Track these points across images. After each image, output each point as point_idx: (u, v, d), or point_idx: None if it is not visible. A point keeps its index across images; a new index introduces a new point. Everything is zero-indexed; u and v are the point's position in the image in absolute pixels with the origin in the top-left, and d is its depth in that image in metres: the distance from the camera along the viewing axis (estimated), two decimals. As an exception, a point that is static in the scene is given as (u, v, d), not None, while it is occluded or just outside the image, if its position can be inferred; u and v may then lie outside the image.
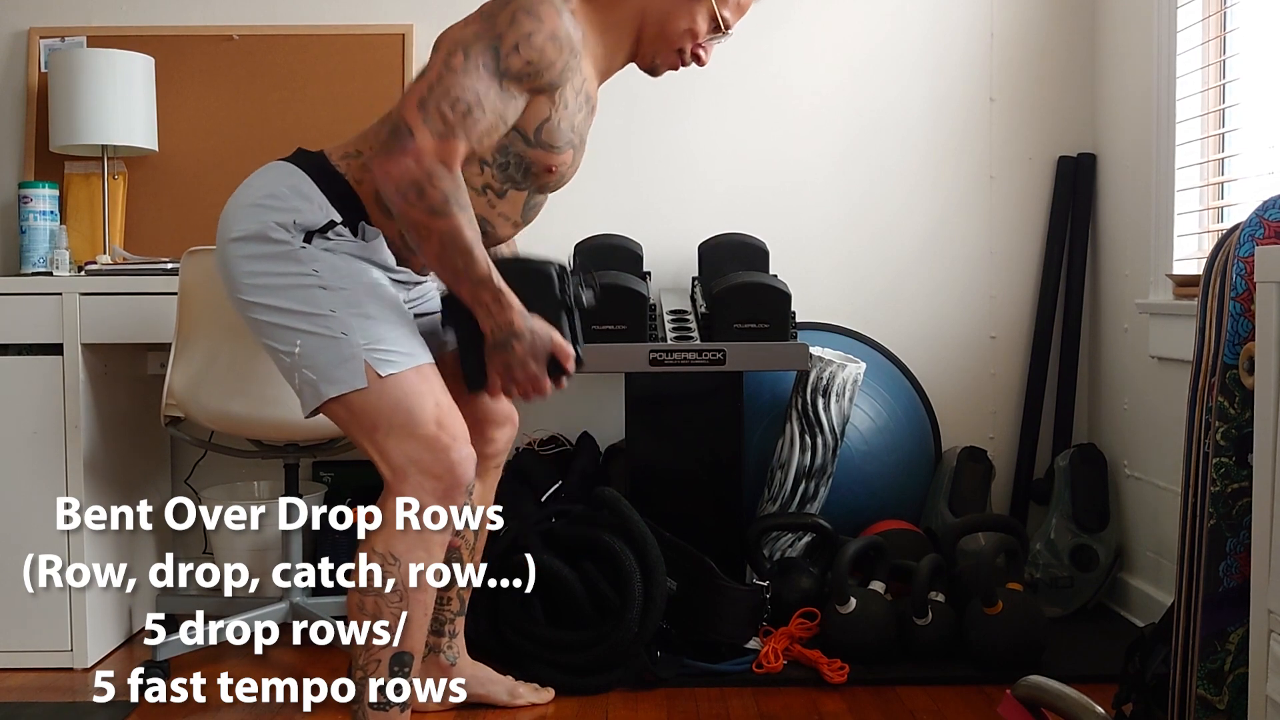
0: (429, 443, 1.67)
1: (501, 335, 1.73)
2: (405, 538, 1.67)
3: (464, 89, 1.65)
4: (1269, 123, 2.22)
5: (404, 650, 1.70)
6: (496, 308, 1.71)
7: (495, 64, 1.67)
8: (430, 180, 1.62)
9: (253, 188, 1.77)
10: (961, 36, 2.90)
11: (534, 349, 1.75)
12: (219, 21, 2.86)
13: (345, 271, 1.72)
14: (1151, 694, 1.80)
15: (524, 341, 1.74)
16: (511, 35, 1.67)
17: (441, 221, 1.64)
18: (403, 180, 1.62)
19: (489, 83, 1.67)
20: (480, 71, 1.66)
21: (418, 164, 1.62)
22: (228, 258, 1.75)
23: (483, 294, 1.71)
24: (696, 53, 1.89)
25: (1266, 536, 1.45)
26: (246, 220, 1.73)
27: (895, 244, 2.91)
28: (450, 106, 1.64)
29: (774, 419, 2.64)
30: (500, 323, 1.73)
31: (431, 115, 1.63)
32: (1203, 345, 1.69)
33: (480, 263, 1.68)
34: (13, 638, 2.35)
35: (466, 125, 1.65)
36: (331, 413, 1.72)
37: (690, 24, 1.85)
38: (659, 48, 1.87)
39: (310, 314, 1.69)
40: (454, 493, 1.68)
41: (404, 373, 1.69)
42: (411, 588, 1.68)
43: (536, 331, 1.75)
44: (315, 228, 1.72)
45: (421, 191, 1.63)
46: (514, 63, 1.68)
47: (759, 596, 2.29)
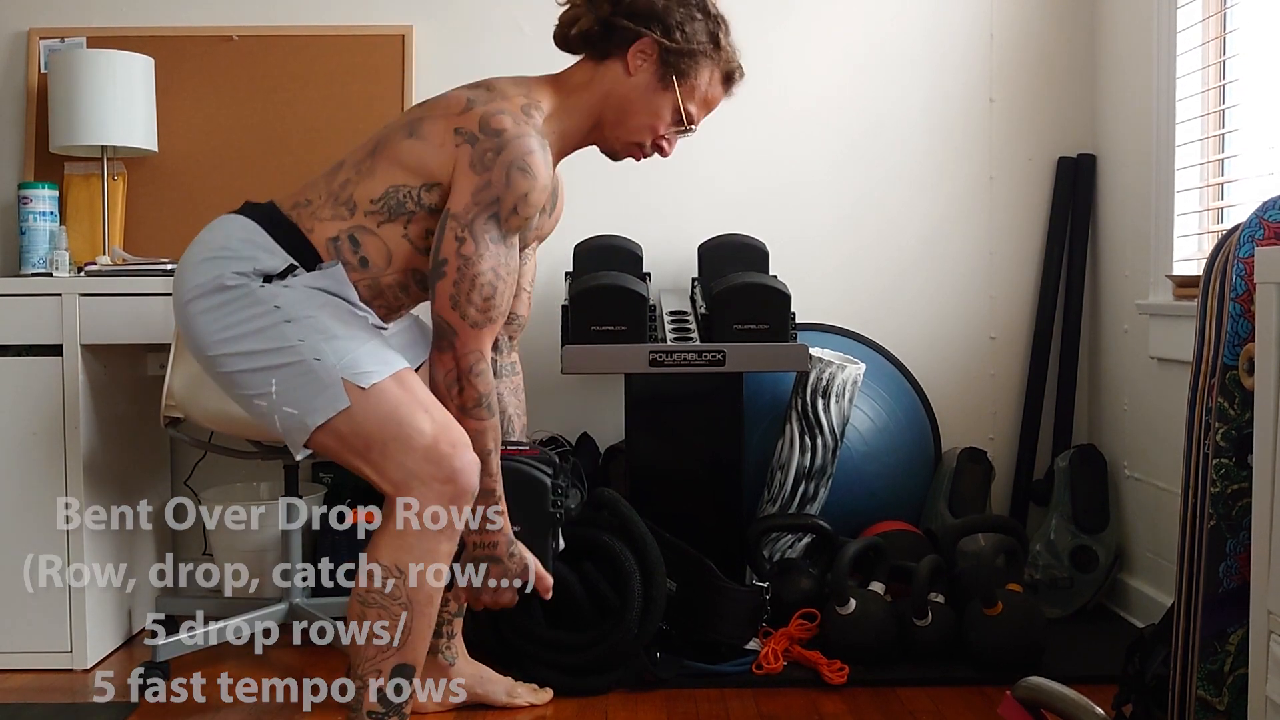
0: (428, 453, 1.64)
1: (481, 554, 1.78)
2: (412, 550, 1.65)
3: (482, 274, 1.70)
4: (1269, 123, 2.22)
5: (406, 662, 1.69)
6: (486, 524, 1.76)
7: (499, 231, 1.72)
8: (468, 377, 1.71)
9: (204, 243, 1.76)
10: (961, 37, 2.90)
11: (508, 574, 1.79)
12: (219, 22, 2.86)
13: (306, 301, 1.70)
14: (1151, 695, 1.80)
15: (499, 567, 1.78)
16: (510, 198, 1.71)
17: (470, 422, 1.71)
18: (449, 376, 1.71)
19: (500, 253, 1.72)
20: (491, 248, 1.71)
21: (462, 360, 1.71)
22: (189, 318, 1.73)
23: (479, 505, 1.74)
24: (659, 145, 1.91)
25: (1266, 537, 1.45)
26: (201, 275, 1.72)
27: (895, 245, 2.92)
28: (479, 295, 1.70)
29: (774, 420, 2.64)
30: (484, 541, 1.77)
31: (465, 310, 1.70)
32: (1203, 346, 1.69)
33: (492, 475, 1.74)
34: (13, 638, 2.35)
35: (495, 304, 1.73)
36: (320, 445, 1.70)
37: (652, 117, 1.87)
38: (619, 134, 1.89)
39: (279, 349, 1.67)
40: (460, 500, 1.66)
41: (384, 383, 1.67)
42: (418, 601, 1.67)
43: (516, 558, 1.79)
44: (274, 273, 1.71)
45: (461, 388, 1.71)
46: (514, 223, 1.73)
47: (759, 597, 2.29)
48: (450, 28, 2.88)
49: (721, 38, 1.87)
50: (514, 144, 1.71)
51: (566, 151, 1.92)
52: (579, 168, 2.84)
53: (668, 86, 1.85)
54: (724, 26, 1.88)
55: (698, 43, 1.84)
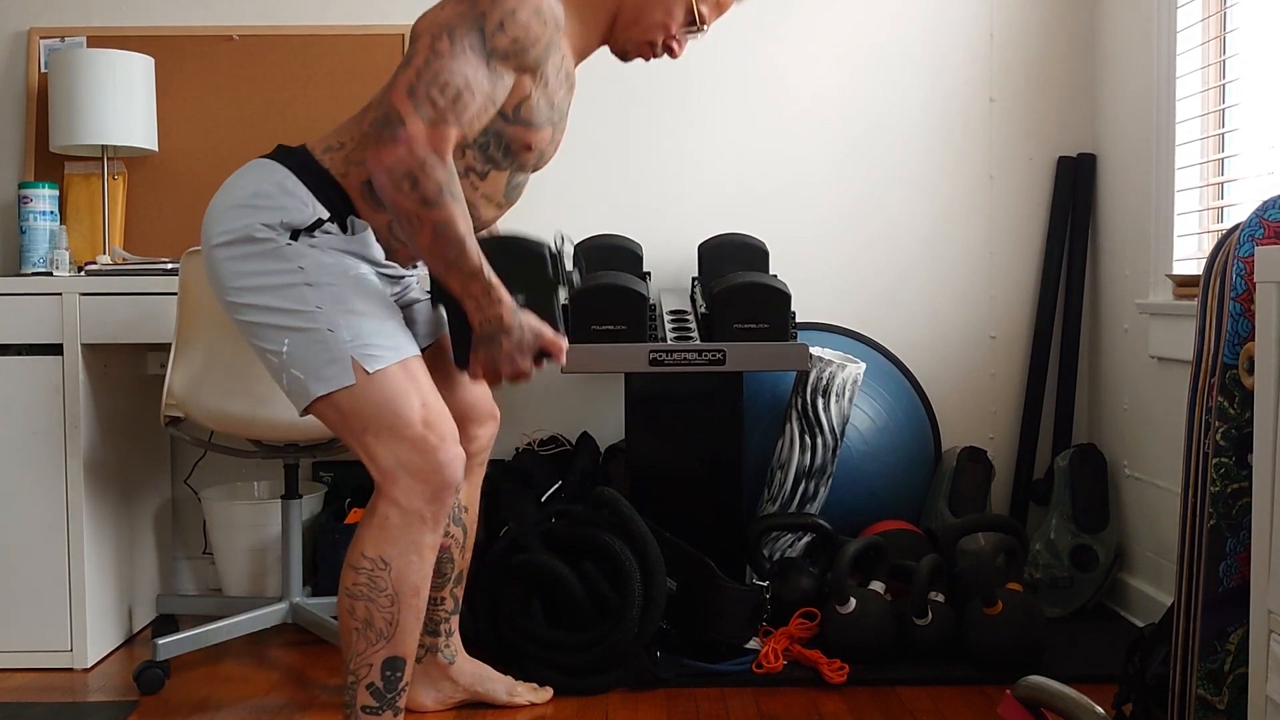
0: (417, 444, 1.65)
1: (490, 329, 1.72)
2: (396, 541, 1.66)
3: (453, 73, 1.61)
4: (1269, 123, 2.22)
5: (396, 654, 1.69)
6: (486, 301, 1.70)
7: (482, 44, 1.64)
8: (423, 169, 1.60)
9: (236, 188, 1.75)
10: (961, 37, 2.90)
11: (521, 344, 1.74)
12: (219, 21, 2.86)
13: (331, 267, 1.70)
14: (1151, 694, 1.80)
15: (511, 337, 1.73)
16: (496, 13, 1.64)
17: (435, 212, 1.61)
18: (396, 170, 1.59)
19: (477, 64, 1.64)
20: (468, 54, 1.63)
21: (410, 153, 1.59)
22: (213, 262, 1.73)
23: (473, 286, 1.69)
24: (669, 45, 1.88)
25: (1266, 537, 1.45)
26: (231, 221, 1.71)
27: (895, 244, 2.92)
28: (440, 92, 1.61)
29: (774, 419, 2.65)
30: (489, 317, 1.71)
31: (422, 102, 1.60)
32: (1203, 345, 1.69)
33: (472, 255, 1.66)
34: (13, 638, 2.36)
35: (457, 110, 1.62)
36: (321, 413, 1.70)
37: (665, 16, 1.84)
38: (631, 34, 1.86)
39: (297, 311, 1.67)
40: (443, 494, 1.67)
41: (391, 368, 1.67)
42: (403, 592, 1.67)
43: (525, 326, 1.74)
44: (302, 226, 1.70)
45: (415, 181, 1.60)
46: (500, 41, 1.65)
47: (759, 597, 2.29)
48: (450, 27, 2.88)
49: None
50: None
51: (582, 51, 1.87)
52: (579, 168, 2.86)
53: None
54: None
55: None
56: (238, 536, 2.66)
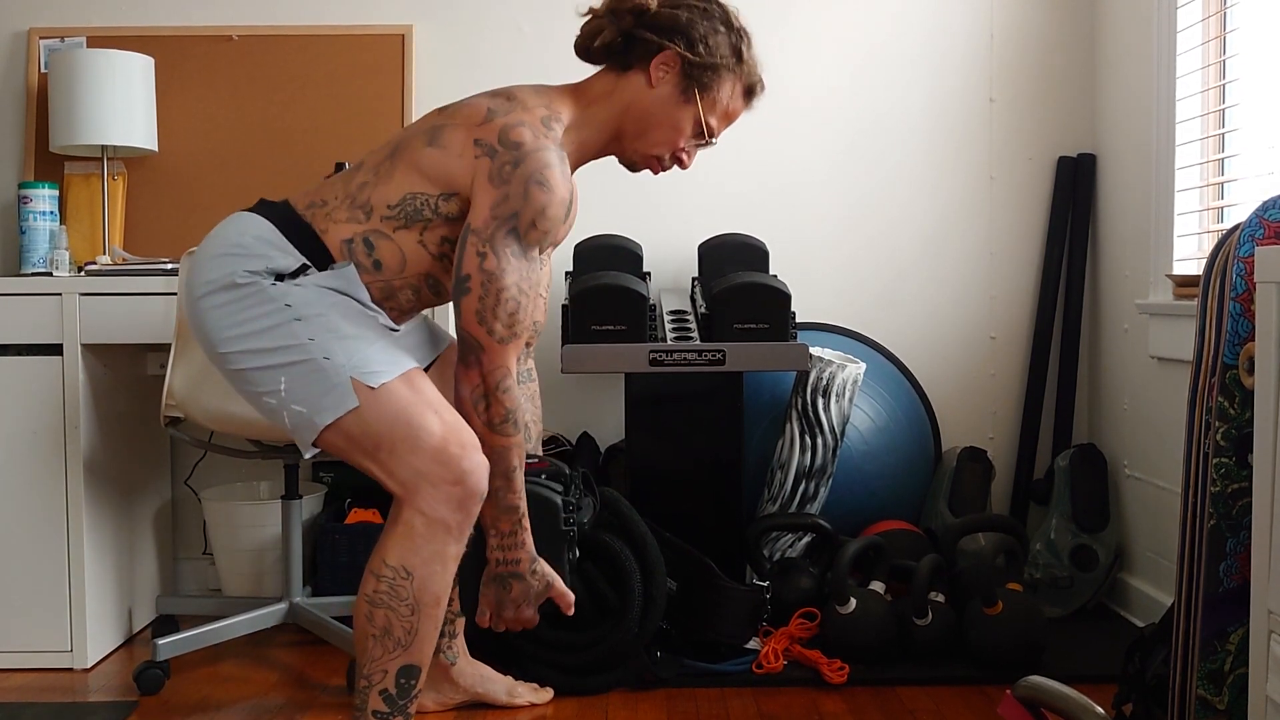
0: (437, 455, 1.64)
1: (505, 571, 1.77)
2: (420, 551, 1.64)
3: (506, 289, 1.69)
4: (1269, 123, 2.22)
5: (412, 663, 1.68)
6: (510, 541, 1.75)
7: (520, 246, 1.70)
8: (495, 394, 1.70)
9: (217, 239, 1.75)
10: (961, 37, 2.90)
11: (529, 593, 1.79)
12: (219, 21, 2.86)
13: (316, 300, 1.70)
14: (1151, 694, 1.80)
15: (523, 584, 1.78)
16: (528, 213, 1.69)
17: (497, 439, 1.70)
18: (475, 392, 1.70)
19: (521, 267, 1.71)
20: (512, 262, 1.69)
21: (489, 376, 1.69)
22: (199, 313, 1.72)
23: (503, 523, 1.75)
24: (679, 157, 1.91)
25: (1266, 537, 1.45)
26: (213, 271, 1.71)
27: (895, 244, 2.92)
28: (504, 312, 1.69)
29: (774, 419, 2.65)
30: (508, 559, 1.76)
31: (492, 326, 1.68)
32: (1203, 345, 1.69)
33: (516, 492, 1.73)
34: (13, 638, 2.35)
35: (520, 319, 1.71)
36: (330, 444, 1.69)
37: (672, 131, 1.86)
38: (639, 146, 1.88)
39: (289, 346, 1.67)
40: (468, 502, 1.65)
41: (393, 383, 1.66)
42: (424, 602, 1.66)
43: (539, 574, 1.79)
44: (287, 272, 1.71)
45: (488, 404, 1.70)
46: (534, 237, 1.71)
47: (759, 597, 2.29)
48: (450, 28, 2.88)
49: (744, 51, 1.87)
50: (532, 158, 1.70)
51: (585, 161, 1.91)
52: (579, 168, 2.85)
53: (689, 99, 1.84)
54: (746, 40, 1.87)
55: (720, 56, 1.83)
56: (238, 537, 2.66)
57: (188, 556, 2.92)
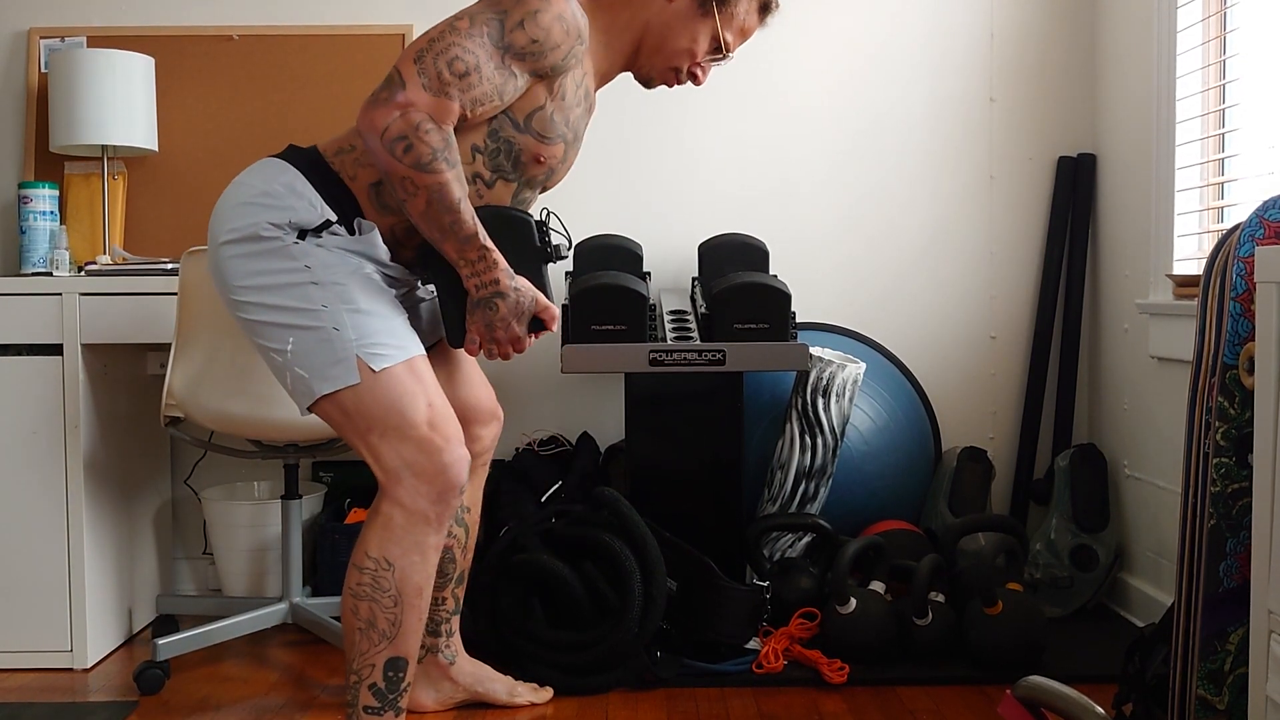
0: (421, 445, 1.66)
1: (486, 294, 1.72)
2: (400, 542, 1.66)
3: (464, 50, 1.62)
4: (1269, 123, 2.22)
5: (398, 655, 1.69)
6: (482, 265, 1.70)
7: (499, 35, 1.65)
8: (418, 133, 1.60)
9: (245, 186, 1.74)
10: (961, 37, 2.90)
11: (518, 308, 1.73)
12: (219, 21, 2.86)
13: (337, 266, 1.70)
14: (1151, 694, 1.80)
15: (508, 301, 1.72)
16: (518, 11, 1.65)
17: (429, 177, 1.62)
18: (390, 132, 1.59)
19: (490, 52, 1.65)
20: (483, 39, 1.64)
21: (405, 117, 1.59)
22: (219, 260, 1.73)
23: (469, 251, 1.69)
24: (694, 71, 1.89)
25: (1266, 537, 1.45)
26: (238, 219, 1.71)
27: (895, 244, 2.92)
28: (448, 65, 1.61)
29: (774, 419, 2.65)
30: (485, 281, 1.71)
31: (427, 69, 1.61)
32: (1203, 345, 1.69)
33: (468, 220, 1.66)
34: (13, 638, 2.35)
35: (462, 86, 1.63)
36: (324, 412, 1.70)
37: (690, 42, 1.85)
38: (656, 61, 1.87)
39: (302, 309, 1.67)
40: (447, 495, 1.68)
41: (396, 368, 1.67)
42: (406, 592, 1.67)
43: (521, 290, 1.73)
44: (310, 227, 1.70)
45: (409, 145, 1.60)
46: (518, 38, 1.66)
47: (759, 597, 2.29)
48: (450, 27, 2.88)
49: None
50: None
51: (605, 74, 1.88)
52: (580, 168, 2.85)
53: (707, 13, 1.84)
54: None
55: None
56: (238, 536, 2.66)
57: (188, 556, 2.92)
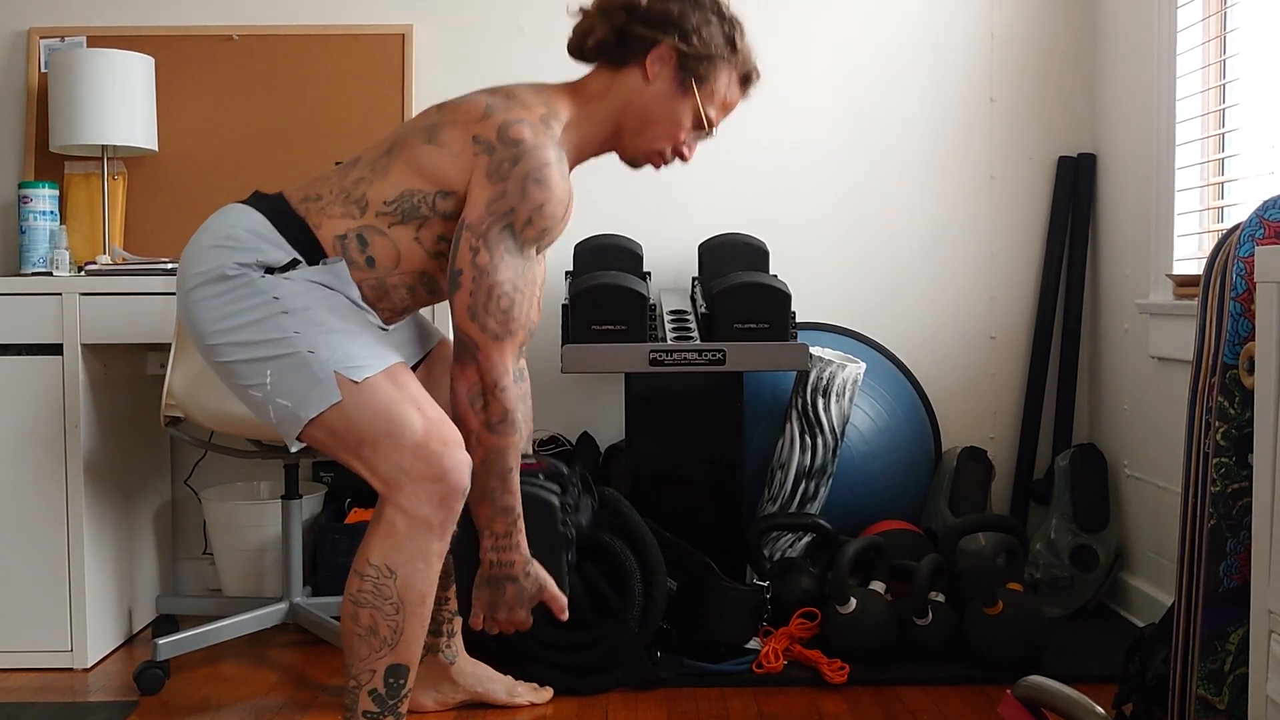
0: (418, 451, 1.64)
1: (498, 573, 1.77)
2: (403, 549, 1.65)
3: (499, 284, 1.69)
4: (1269, 123, 2.22)
5: (400, 662, 1.68)
6: (505, 542, 1.76)
7: (515, 243, 1.70)
8: (494, 392, 1.70)
9: (210, 231, 1.75)
10: (961, 36, 2.90)
11: (523, 595, 1.79)
12: (219, 21, 2.86)
13: (304, 294, 1.69)
14: (1152, 694, 1.80)
15: (517, 586, 1.78)
16: (525, 209, 1.69)
17: (494, 439, 1.71)
18: (473, 390, 1.71)
19: (516, 264, 1.71)
20: (506, 259, 1.70)
21: (486, 375, 1.70)
22: (189, 305, 1.72)
23: (498, 524, 1.75)
24: (679, 151, 1.91)
25: (1267, 537, 1.45)
26: (204, 263, 1.71)
27: (895, 244, 2.92)
28: (497, 306, 1.69)
29: (774, 419, 2.65)
30: (502, 560, 1.77)
31: (485, 323, 1.69)
32: (1203, 345, 1.69)
33: (512, 493, 1.73)
34: (13, 638, 2.35)
35: (514, 316, 1.71)
36: (313, 438, 1.69)
37: (671, 125, 1.86)
38: (639, 143, 1.88)
39: (275, 339, 1.67)
40: (450, 500, 1.66)
41: (376, 377, 1.66)
42: (409, 600, 1.66)
43: (532, 577, 1.79)
44: (277, 266, 1.71)
45: (486, 403, 1.70)
46: (530, 234, 1.72)
47: (759, 597, 2.29)
48: (450, 27, 2.88)
49: (738, 40, 1.87)
50: (531, 155, 1.70)
51: (583, 159, 1.91)
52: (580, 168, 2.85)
53: (687, 92, 1.84)
54: (739, 29, 1.88)
55: (715, 46, 1.83)
56: (238, 537, 2.66)
57: (188, 556, 2.92)
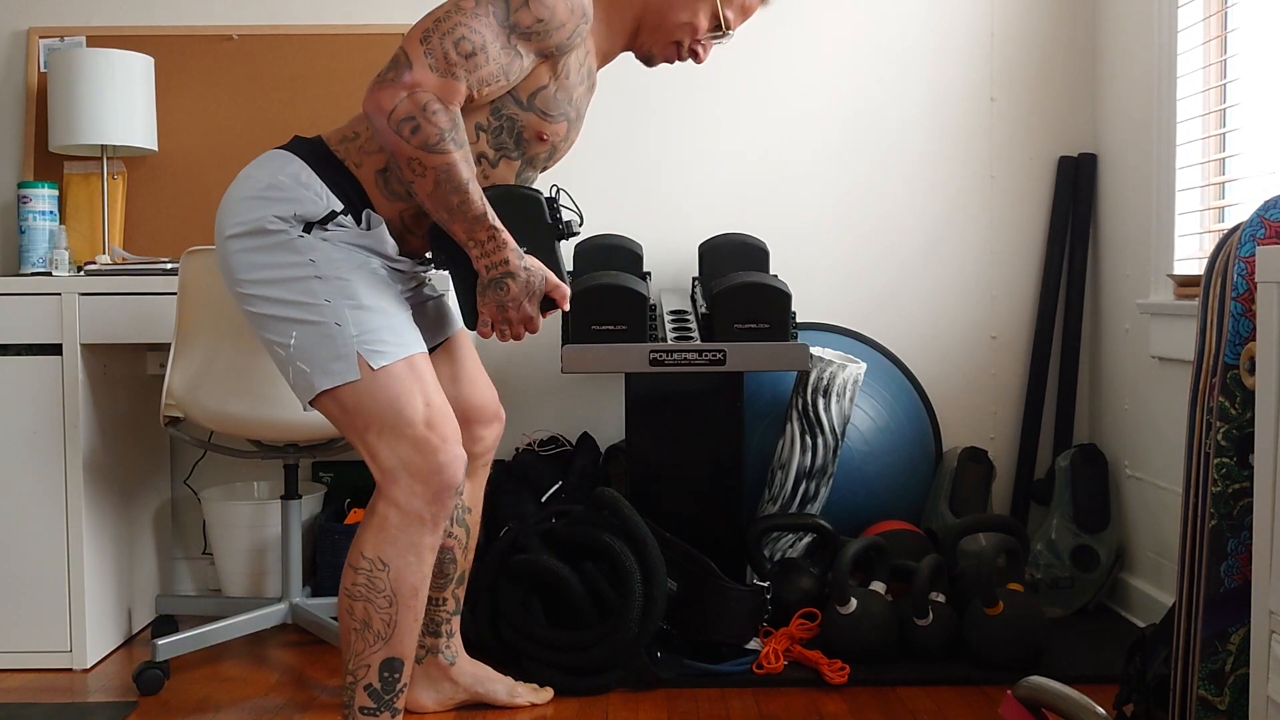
0: (418, 444, 1.65)
1: (497, 274, 1.71)
2: (395, 542, 1.66)
3: (470, 30, 1.62)
4: (1270, 122, 2.22)
5: (394, 655, 1.68)
6: (492, 246, 1.69)
7: (505, 15, 1.65)
8: (425, 114, 1.60)
9: (250, 179, 1.74)
10: (961, 36, 2.90)
11: (529, 288, 1.73)
12: (219, 21, 2.86)
13: (342, 261, 1.69)
14: (1152, 694, 1.80)
15: (519, 280, 1.72)
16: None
17: (436, 158, 1.62)
18: (397, 113, 1.59)
19: (496, 32, 1.65)
20: (489, 18, 1.64)
21: (412, 97, 1.59)
22: (226, 253, 1.73)
23: (478, 232, 1.68)
24: (694, 49, 1.89)
25: (1267, 537, 1.45)
26: (245, 213, 1.71)
27: (896, 244, 2.91)
28: (454, 45, 1.62)
29: (774, 419, 2.64)
30: (495, 261, 1.71)
31: (434, 50, 1.61)
32: (1204, 345, 1.69)
33: (476, 200, 1.66)
34: (13, 638, 2.35)
35: (469, 67, 1.63)
36: (325, 408, 1.70)
37: (691, 18, 1.84)
38: (657, 37, 1.87)
39: (305, 304, 1.67)
40: (443, 495, 1.67)
41: (395, 365, 1.66)
42: (401, 593, 1.67)
43: (531, 269, 1.73)
44: (315, 219, 1.69)
45: (416, 126, 1.60)
46: (523, 17, 1.66)
47: (759, 597, 2.29)
48: (450, 27, 2.88)
49: None
50: None
51: (606, 53, 1.88)
52: (580, 168, 2.85)
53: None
54: None
55: None
56: (238, 536, 2.66)
57: (187, 556, 2.92)
